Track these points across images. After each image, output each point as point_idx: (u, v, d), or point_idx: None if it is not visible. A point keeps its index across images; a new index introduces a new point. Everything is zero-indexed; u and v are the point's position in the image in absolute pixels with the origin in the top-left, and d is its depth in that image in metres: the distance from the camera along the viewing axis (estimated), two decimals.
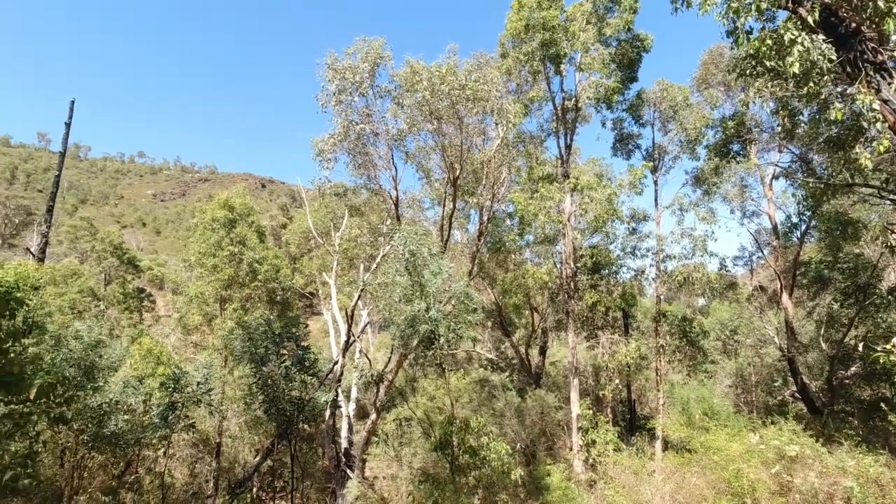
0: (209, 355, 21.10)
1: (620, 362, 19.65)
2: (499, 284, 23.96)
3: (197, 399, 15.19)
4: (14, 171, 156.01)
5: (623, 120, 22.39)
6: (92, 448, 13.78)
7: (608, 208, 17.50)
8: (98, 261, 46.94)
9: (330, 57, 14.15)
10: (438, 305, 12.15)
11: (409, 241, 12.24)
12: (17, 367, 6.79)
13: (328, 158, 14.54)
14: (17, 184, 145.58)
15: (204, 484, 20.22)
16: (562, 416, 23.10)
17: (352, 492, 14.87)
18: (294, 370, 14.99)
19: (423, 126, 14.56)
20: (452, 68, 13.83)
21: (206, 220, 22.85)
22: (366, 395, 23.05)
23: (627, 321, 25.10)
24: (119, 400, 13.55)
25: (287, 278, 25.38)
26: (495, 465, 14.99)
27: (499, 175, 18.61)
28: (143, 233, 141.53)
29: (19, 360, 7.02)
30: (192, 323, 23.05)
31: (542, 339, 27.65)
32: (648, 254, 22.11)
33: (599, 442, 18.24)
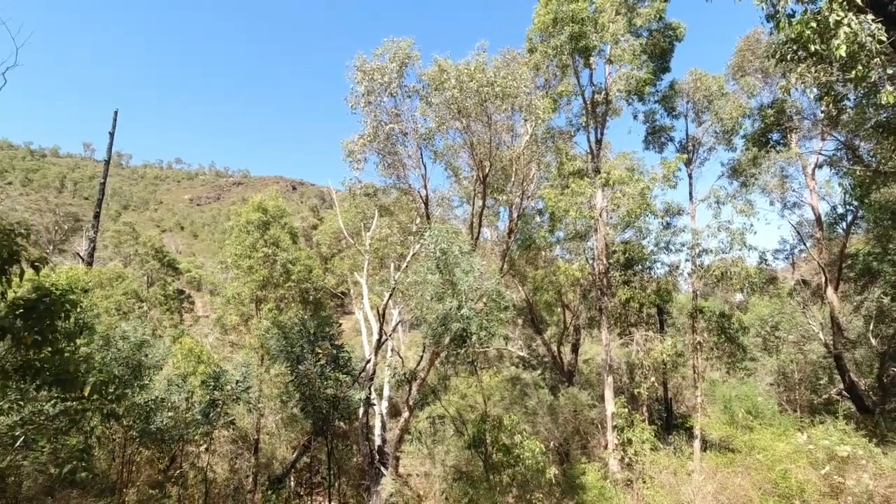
0: (246, 354, 21.68)
1: (656, 360, 19.21)
2: (529, 281, 23.78)
3: (236, 397, 15.63)
4: (63, 179, 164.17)
5: (655, 112, 21.85)
6: (139, 443, 14.37)
7: (641, 203, 17.11)
8: (141, 264, 48.91)
9: (359, 59, 14.31)
10: (470, 303, 12.14)
11: (439, 240, 12.28)
12: (72, 366, 7.13)
13: (358, 159, 14.71)
14: (65, 192, 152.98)
15: (244, 479, 20.82)
16: (595, 415, 22.78)
17: (386, 488, 15.03)
18: (329, 368, 15.25)
19: (451, 124, 14.56)
20: (481, 65, 13.78)
21: (240, 222, 23.49)
22: (398, 394, 23.29)
23: (662, 318, 24.53)
24: (164, 398, 14.08)
25: (319, 278, 25.85)
26: (529, 464, 14.91)
27: (528, 171, 18.45)
28: (181, 236, 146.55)
29: (74, 360, 7.38)
30: (229, 323, 23.74)
31: (574, 337, 27.31)
32: (683, 248, 21.55)
33: (636, 441, 17.88)
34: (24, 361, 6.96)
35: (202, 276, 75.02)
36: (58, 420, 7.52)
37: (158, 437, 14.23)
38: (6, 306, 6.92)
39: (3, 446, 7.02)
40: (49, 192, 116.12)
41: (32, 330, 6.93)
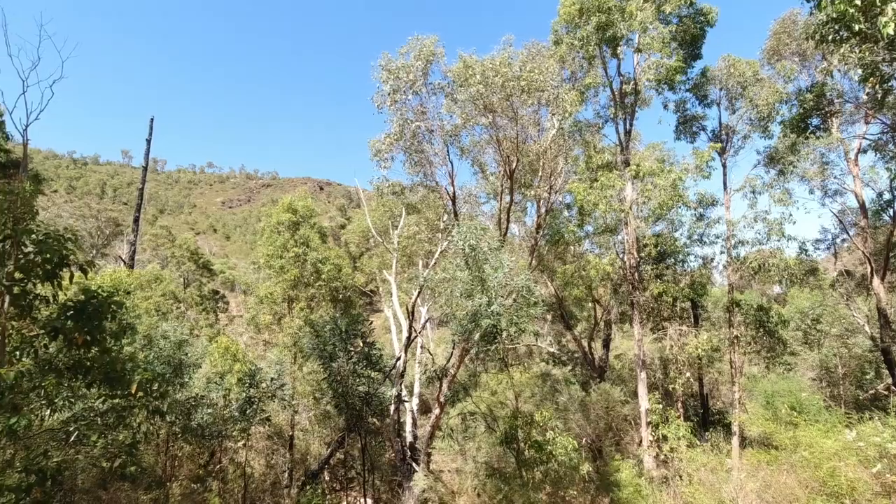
0: (279, 352, 22.17)
1: (691, 354, 18.77)
2: (559, 277, 23.52)
3: (271, 394, 16.02)
4: (103, 186, 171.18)
5: (686, 101, 21.26)
6: (181, 439, 14.88)
7: (673, 194, 16.69)
8: (177, 266, 50.57)
9: (384, 58, 14.41)
10: (500, 299, 12.10)
11: (468, 237, 12.28)
12: (119, 365, 7.44)
13: (385, 158, 14.82)
14: (106, 198, 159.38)
15: (280, 475, 21.32)
16: (628, 411, 22.43)
17: (418, 484, 15.16)
18: (361, 366, 15.45)
19: (477, 120, 14.51)
20: (506, 60, 13.68)
21: (271, 223, 24.00)
22: (428, 390, 23.43)
23: (697, 312, 23.93)
24: (204, 395, 14.53)
25: (348, 277, 26.21)
26: (562, 460, 14.80)
27: (555, 166, 18.23)
28: (214, 238, 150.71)
29: (121, 359, 7.69)
30: (262, 322, 24.31)
31: (605, 332, 26.91)
32: (718, 240, 20.99)
33: (671, 437, 17.51)
34: (75, 360, 7.29)
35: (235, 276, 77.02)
36: (106, 416, 7.84)
37: (199, 434, 14.70)
38: (58, 308, 7.27)
39: (57, 441, 7.37)
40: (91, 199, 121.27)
41: (83, 330, 7.26)
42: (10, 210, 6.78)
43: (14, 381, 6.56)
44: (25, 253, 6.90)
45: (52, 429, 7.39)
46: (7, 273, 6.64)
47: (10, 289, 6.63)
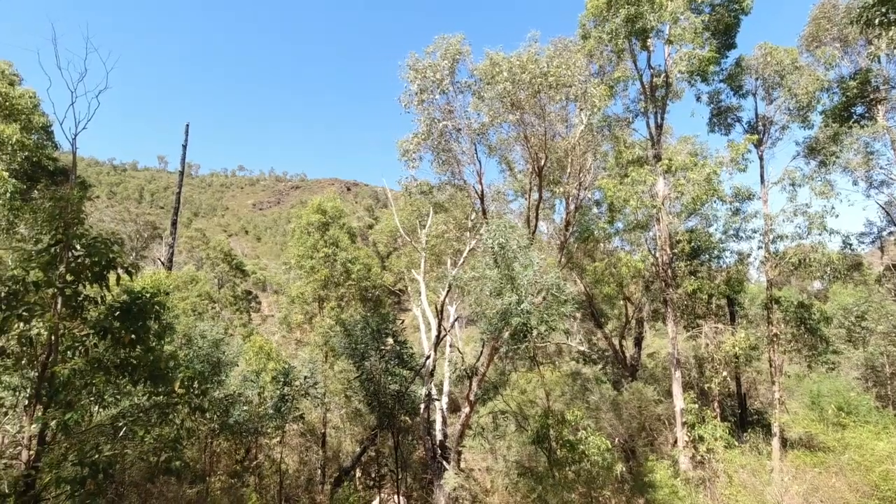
0: (311, 351, 22.57)
1: (727, 353, 18.25)
2: (588, 274, 23.21)
3: (304, 392, 16.33)
4: (141, 191, 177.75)
5: (720, 92, 20.65)
6: (219, 435, 15.33)
7: (707, 189, 16.23)
8: (211, 267, 52.04)
9: (411, 58, 14.49)
10: (530, 298, 12.03)
11: (497, 235, 12.25)
12: (163, 364, 7.72)
13: (413, 158, 14.90)
14: (144, 202, 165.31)
15: (313, 471, 21.74)
16: (662, 411, 21.96)
17: (449, 482, 15.20)
18: (393, 364, 15.59)
19: (504, 118, 14.43)
20: (533, 56, 13.57)
21: (302, 224, 24.45)
22: (456, 389, 23.46)
23: (733, 309, 23.25)
24: (240, 392, 14.93)
25: (377, 276, 26.48)
26: (595, 460, 14.60)
27: (584, 162, 18.00)
28: (245, 240, 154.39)
29: (164, 357, 7.98)
30: (294, 321, 24.79)
31: (636, 330, 26.43)
32: (755, 235, 20.33)
33: (708, 438, 17.06)
34: (122, 359, 7.60)
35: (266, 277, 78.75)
36: (150, 413, 8.15)
37: (235, 430, 15.12)
38: (106, 309, 7.59)
39: (105, 436, 7.70)
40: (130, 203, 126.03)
41: (129, 330, 7.56)
42: (61, 216, 7.11)
43: (67, 379, 6.90)
44: (75, 256, 7.23)
45: (101, 424, 7.73)
46: (59, 275, 6.97)
47: (63, 290, 6.96)
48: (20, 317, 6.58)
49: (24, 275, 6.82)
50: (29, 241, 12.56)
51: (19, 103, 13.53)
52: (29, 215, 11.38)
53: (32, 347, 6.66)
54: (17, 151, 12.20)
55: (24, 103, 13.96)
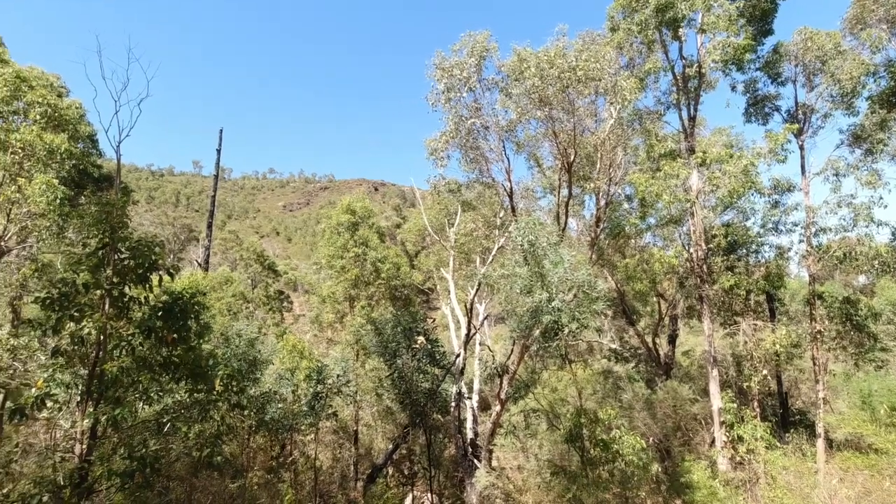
0: (342, 350, 22.90)
1: (767, 351, 17.63)
2: (620, 271, 22.81)
3: (337, 390, 16.58)
4: (177, 195, 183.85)
5: (757, 81, 19.91)
6: (255, 432, 15.72)
7: (744, 181, 15.70)
8: (245, 268, 53.43)
9: (437, 57, 14.52)
10: (561, 295, 11.91)
11: (526, 232, 12.16)
12: (204, 362, 7.98)
13: (441, 156, 14.93)
14: (180, 206, 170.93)
15: (346, 468, 22.06)
16: (698, 410, 21.42)
17: (481, 481, 15.20)
18: (425, 363, 15.68)
19: (532, 114, 14.32)
20: (561, 50, 13.41)
21: (331, 224, 24.83)
22: (487, 387, 23.42)
23: (772, 305, 22.43)
24: (276, 390, 15.27)
25: (407, 275, 26.65)
26: (630, 460, 14.36)
27: (614, 157, 17.69)
28: (276, 241, 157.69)
29: (204, 356, 8.25)
30: (326, 320, 25.20)
31: (670, 328, 25.82)
32: (796, 228, 19.59)
33: (747, 438, 16.54)
34: (165, 357, 7.89)
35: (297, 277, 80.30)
36: (192, 410, 8.44)
37: (271, 427, 15.47)
38: (149, 309, 7.89)
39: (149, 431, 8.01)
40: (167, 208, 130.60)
41: (171, 329, 7.84)
42: (106, 220, 7.43)
43: (115, 377, 7.20)
44: (120, 258, 7.54)
45: (146, 420, 8.06)
46: (106, 277, 7.29)
47: (110, 291, 7.27)
48: (72, 317, 6.92)
49: (75, 277, 7.16)
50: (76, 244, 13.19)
51: (67, 114, 14.24)
52: (76, 220, 11.94)
53: (84, 346, 6.98)
54: (65, 160, 12.83)
55: (71, 114, 14.69)
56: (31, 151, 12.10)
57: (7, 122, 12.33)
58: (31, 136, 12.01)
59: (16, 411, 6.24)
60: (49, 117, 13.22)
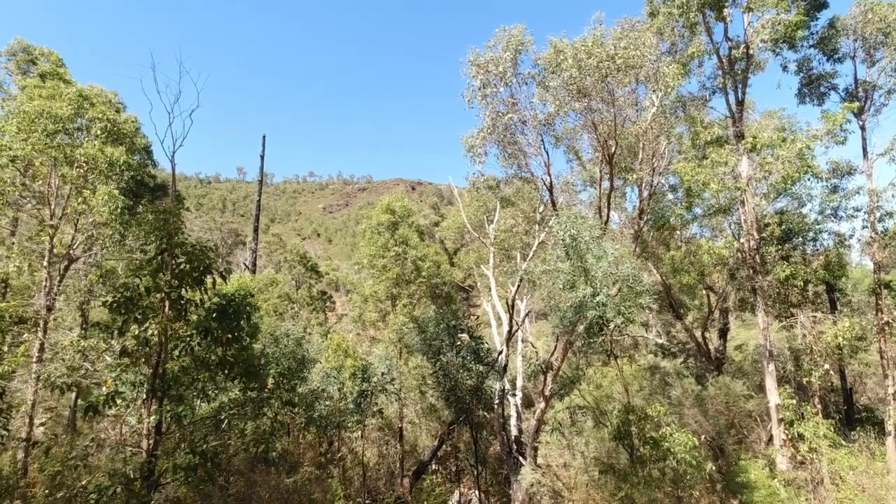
0: (385, 348, 23.24)
1: (828, 344, 16.69)
2: (665, 263, 22.11)
3: (382, 388, 16.86)
4: (224, 201, 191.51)
5: (811, 59, 18.80)
6: (305, 429, 16.21)
7: (800, 166, 14.87)
8: (289, 269, 55.05)
9: (472, 53, 14.47)
10: (605, 290, 11.68)
11: (568, 226, 11.98)
12: (257, 361, 8.29)
13: (479, 153, 14.90)
14: (226, 212, 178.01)
15: (392, 464, 22.41)
16: (753, 406, 20.53)
17: (526, 478, 15.12)
18: (469, 360, 15.73)
19: (571, 106, 14.05)
20: (598, 39, 13.10)
21: (372, 224, 25.22)
22: (530, 384, 23.23)
23: (833, 296, 21.21)
24: (324, 388, 15.68)
25: (447, 273, 26.76)
26: (681, 458, 13.92)
27: (657, 146, 17.17)
28: (318, 242, 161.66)
29: (257, 355, 8.57)
30: (368, 319, 25.65)
31: (721, 321, 24.83)
32: (858, 214, 18.44)
33: (809, 436, 15.72)
34: (220, 357, 8.24)
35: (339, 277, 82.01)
36: (246, 407, 8.79)
37: (320, 424, 15.90)
38: (205, 311, 8.25)
39: (206, 428, 8.39)
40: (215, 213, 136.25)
41: (225, 330, 8.18)
42: (164, 227, 7.83)
43: (176, 376, 7.59)
44: (177, 263, 7.93)
45: (205, 417, 8.44)
46: (166, 281, 7.68)
47: (169, 294, 7.66)
48: (136, 319, 7.33)
49: (137, 281, 7.58)
50: (135, 251, 13.97)
51: (124, 128, 15.16)
52: (136, 228, 12.64)
53: (147, 347, 7.39)
54: (123, 171, 13.64)
55: (127, 128, 15.63)
56: (94, 165, 12.94)
57: (72, 139, 13.21)
58: (93, 150, 12.83)
59: (89, 408, 6.68)
60: (109, 132, 14.09)
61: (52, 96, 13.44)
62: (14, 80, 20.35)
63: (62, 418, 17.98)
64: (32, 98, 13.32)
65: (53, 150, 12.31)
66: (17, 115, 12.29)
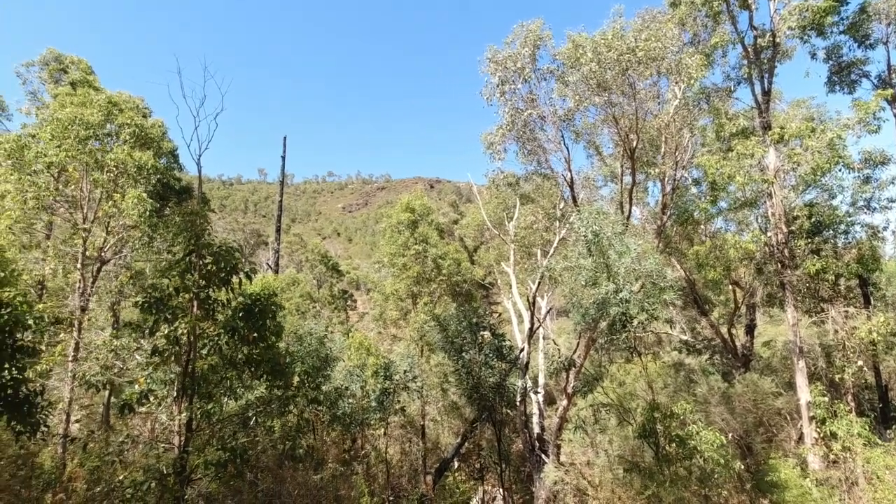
0: (406, 346, 23.37)
1: (862, 340, 16.19)
2: (689, 259, 21.70)
3: (404, 385, 16.96)
4: (246, 202, 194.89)
5: (841, 45, 18.20)
6: (330, 426, 16.41)
7: (830, 156, 14.42)
8: (310, 269, 55.82)
9: (490, 51, 14.43)
10: (628, 286, 11.54)
11: (590, 222, 11.87)
12: (283, 360, 8.44)
13: (498, 150, 14.85)
14: (248, 212, 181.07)
15: (414, 461, 22.55)
16: (782, 404, 20.03)
17: (550, 476, 15.07)
18: (492, 357, 15.74)
19: (591, 100, 13.90)
20: (618, 32, 12.93)
21: (392, 223, 25.36)
22: (552, 381, 23.10)
23: (866, 290, 20.52)
24: (347, 386, 15.85)
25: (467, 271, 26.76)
26: (709, 456, 13.68)
27: (680, 139, 16.87)
28: (338, 241, 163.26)
29: (282, 354, 8.71)
30: (390, 318, 25.82)
31: (748, 317, 24.27)
32: (892, 205, 17.81)
33: (842, 434, 15.27)
34: (247, 355, 8.41)
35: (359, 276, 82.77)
36: (272, 405, 8.95)
37: (344, 422, 16.08)
38: (231, 310, 8.43)
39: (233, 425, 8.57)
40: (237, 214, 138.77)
41: (251, 329, 8.34)
42: (191, 229, 8.01)
43: (205, 374, 7.77)
44: (204, 264, 8.10)
45: (234, 414, 8.63)
46: (194, 281, 7.87)
47: (198, 294, 7.84)
48: (166, 319, 7.52)
49: (167, 282, 7.78)
50: (163, 252, 14.35)
51: (151, 132, 15.61)
52: (163, 230, 12.99)
53: (177, 345, 7.58)
54: (151, 175, 14.03)
55: (154, 132, 16.08)
56: (124, 169, 13.34)
57: (102, 144, 13.64)
58: (123, 155, 13.23)
59: (125, 406, 6.89)
60: (137, 137, 14.51)
61: (83, 103, 13.88)
62: (47, 88, 21.09)
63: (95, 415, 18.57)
64: (64, 106, 13.79)
65: (85, 155, 12.72)
66: (51, 123, 12.75)
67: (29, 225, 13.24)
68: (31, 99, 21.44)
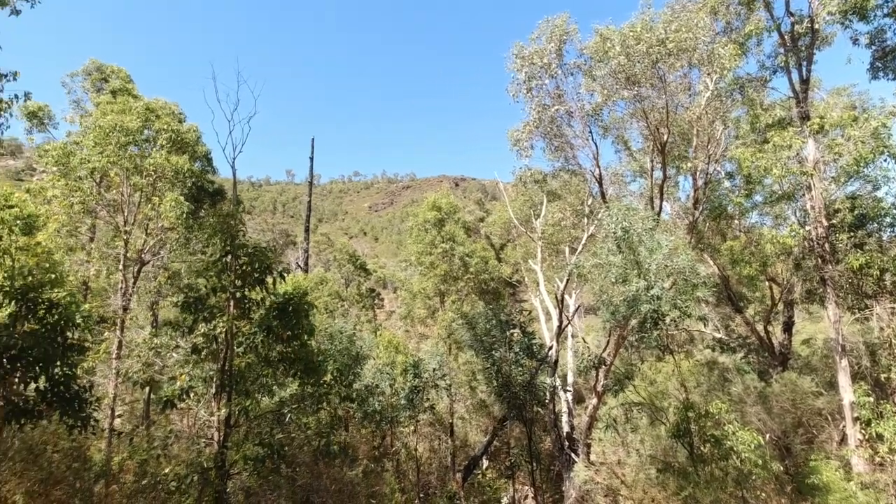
0: (434, 344, 23.48)
1: None
2: (723, 254, 21.13)
3: (434, 383, 17.07)
4: (274, 203, 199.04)
5: (885, 30, 17.29)
6: (361, 423, 16.65)
7: (874, 146, 13.82)
8: (338, 268, 56.56)
9: (515, 47, 14.34)
10: (659, 283, 11.33)
11: (619, 219, 11.71)
12: (316, 357, 8.61)
13: (525, 147, 14.77)
14: (277, 213, 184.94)
15: (443, 459, 22.66)
16: (823, 404, 19.33)
17: (580, 475, 14.94)
18: (522, 356, 15.70)
19: (619, 94, 13.67)
20: (647, 24, 12.67)
21: (419, 222, 25.52)
22: (581, 380, 22.85)
23: None
24: (377, 384, 16.05)
25: (495, 269, 26.71)
26: (746, 457, 13.33)
27: (713, 132, 16.42)
28: (364, 241, 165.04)
29: (315, 352, 8.90)
30: (417, 316, 25.99)
31: (785, 314, 23.47)
32: None
33: (889, 436, 14.64)
34: (281, 353, 8.62)
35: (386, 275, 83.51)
36: (306, 402, 9.14)
37: (375, 419, 16.29)
38: (266, 310, 8.65)
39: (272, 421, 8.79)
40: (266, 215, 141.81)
41: (285, 327, 8.54)
42: (226, 230, 8.25)
43: (242, 371, 8.00)
44: (240, 264, 8.34)
45: (270, 411, 8.86)
46: (230, 281, 8.11)
47: (234, 294, 8.08)
48: (205, 318, 7.78)
49: (203, 282, 8.04)
50: (198, 254, 14.82)
51: (187, 137, 16.17)
52: (199, 232, 13.41)
53: (216, 344, 7.83)
54: (186, 178, 14.51)
55: (189, 137, 16.65)
56: (162, 173, 13.85)
57: (141, 150, 14.18)
58: (160, 159, 13.74)
59: (167, 402, 7.16)
60: (173, 142, 15.04)
61: (122, 111, 14.46)
62: (90, 97, 22.03)
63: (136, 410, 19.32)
64: (106, 113, 14.39)
65: (126, 160, 13.25)
66: (94, 130, 13.32)
67: (74, 228, 13.87)
68: (75, 108, 22.43)
